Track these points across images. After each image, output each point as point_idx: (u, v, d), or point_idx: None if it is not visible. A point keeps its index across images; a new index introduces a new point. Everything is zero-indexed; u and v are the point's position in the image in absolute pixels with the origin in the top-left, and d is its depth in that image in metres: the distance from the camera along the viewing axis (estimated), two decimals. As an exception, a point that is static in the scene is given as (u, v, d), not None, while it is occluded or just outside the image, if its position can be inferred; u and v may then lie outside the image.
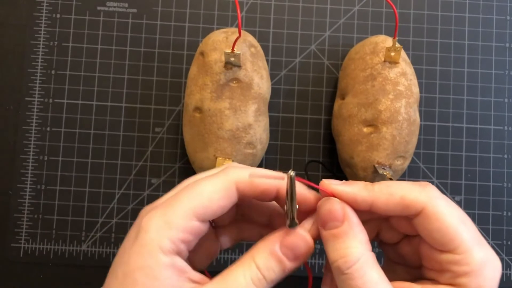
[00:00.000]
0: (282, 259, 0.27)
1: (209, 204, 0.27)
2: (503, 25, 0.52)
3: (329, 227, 0.28)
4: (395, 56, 0.43)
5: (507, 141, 0.51)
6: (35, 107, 0.50)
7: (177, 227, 0.26)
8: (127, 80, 0.50)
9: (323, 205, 0.29)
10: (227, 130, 0.42)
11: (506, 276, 0.49)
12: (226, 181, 0.28)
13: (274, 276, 0.27)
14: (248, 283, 0.26)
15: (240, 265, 0.27)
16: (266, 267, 0.27)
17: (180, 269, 0.26)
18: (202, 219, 0.27)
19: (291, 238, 0.28)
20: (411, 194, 0.28)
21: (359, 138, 0.44)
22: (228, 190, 0.28)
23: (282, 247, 0.28)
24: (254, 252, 0.28)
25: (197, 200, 0.27)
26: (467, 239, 0.27)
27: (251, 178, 0.28)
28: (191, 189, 0.27)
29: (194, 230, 0.27)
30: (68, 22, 0.50)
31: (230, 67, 0.42)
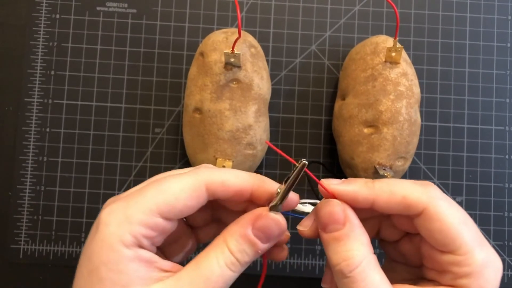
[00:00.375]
0: (255, 242, 0.27)
1: (175, 203, 0.26)
2: (505, 25, 0.51)
3: (330, 229, 0.28)
4: (396, 56, 0.43)
5: (508, 142, 0.50)
6: (34, 107, 0.49)
7: (139, 222, 0.25)
8: (126, 81, 0.50)
9: (323, 207, 0.28)
10: (227, 131, 0.42)
11: (507, 277, 0.49)
12: (196, 180, 0.27)
13: (248, 259, 0.27)
14: (222, 267, 0.26)
15: (213, 249, 0.27)
16: (239, 250, 0.27)
17: (147, 260, 0.26)
18: (166, 217, 0.26)
19: (263, 221, 0.27)
20: (413, 194, 0.27)
21: (359, 139, 0.43)
22: (197, 190, 0.27)
23: (255, 230, 0.27)
24: (226, 236, 0.27)
25: (162, 197, 0.26)
26: (468, 240, 0.26)
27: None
28: (157, 185, 0.27)
29: (157, 227, 0.26)
30: (67, 22, 0.50)
31: (230, 67, 0.42)
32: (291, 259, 0.49)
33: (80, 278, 0.26)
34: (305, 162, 0.27)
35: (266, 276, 0.48)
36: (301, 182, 0.49)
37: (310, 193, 0.49)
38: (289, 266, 0.49)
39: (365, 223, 0.29)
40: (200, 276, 0.26)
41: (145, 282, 0.25)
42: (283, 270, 0.49)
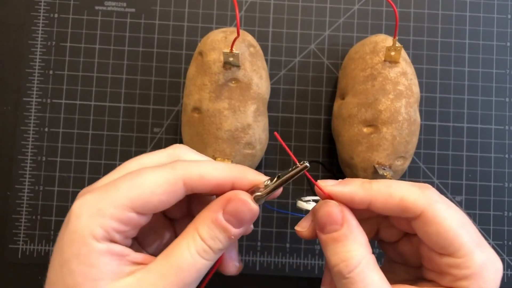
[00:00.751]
0: (227, 227, 0.26)
1: (149, 198, 0.25)
2: (504, 24, 0.51)
3: (328, 230, 0.28)
4: (395, 55, 0.43)
5: (508, 141, 0.50)
6: (33, 107, 0.49)
7: (110, 216, 0.25)
8: (125, 80, 0.50)
9: (320, 209, 0.28)
10: (226, 130, 0.42)
11: (507, 277, 0.49)
12: (172, 175, 0.26)
13: (221, 245, 0.26)
14: (194, 256, 0.25)
15: (184, 238, 0.26)
16: (211, 237, 0.26)
17: (119, 254, 0.25)
18: (140, 211, 0.25)
19: (235, 205, 0.26)
20: (410, 197, 0.27)
21: (359, 138, 0.43)
22: (173, 186, 0.26)
23: (226, 214, 0.26)
24: (197, 223, 0.27)
25: (136, 191, 0.25)
26: (467, 242, 0.26)
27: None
28: (132, 177, 0.26)
29: (130, 222, 0.25)
30: (66, 21, 0.50)
31: (229, 67, 0.42)
32: (290, 259, 0.49)
33: (52, 270, 0.25)
34: (307, 165, 0.26)
35: (265, 276, 0.48)
36: (301, 182, 0.49)
37: (309, 193, 0.49)
38: (288, 266, 0.49)
39: (363, 223, 0.29)
40: (171, 266, 0.25)
41: (115, 275, 0.25)
42: (282, 270, 0.48)
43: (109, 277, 0.24)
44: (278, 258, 0.49)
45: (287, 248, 0.49)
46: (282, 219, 0.49)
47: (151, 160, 0.28)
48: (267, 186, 0.27)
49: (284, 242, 0.49)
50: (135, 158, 0.29)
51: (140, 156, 0.29)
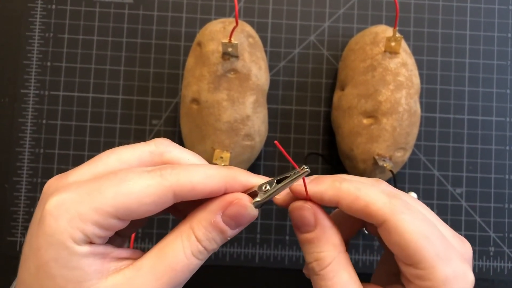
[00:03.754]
0: (225, 229, 0.26)
1: (136, 208, 0.24)
2: (506, 15, 0.51)
3: (302, 231, 0.28)
4: (395, 46, 0.43)
5: (509, 133, 0.50)
6: (30, 99, 0.49)
7: (92, 222, 0.23)
8: (123, 72, 0.50)
9: (294, 211, 0.28)
10: (224, 122, 0.42)
11: (507, 269, 0.49)
12: (162, 186, 0.24)
13: (216, 246, 0.26)
14: (188, 256, 0.25)
15: (179, 237, 0.25)
16: (207, 238, 0.25)
17: (101, 253, 0.24)
18: (123, 218, 0.24)
19: (236, 209, 0.26)
20: (375, 204, 0.26)
21: (359, 129, 0.43)
22: (163, 197, 0.24)
23: (225, 217, 0.26)
24: (193, 223, 0.26)
25: (122, 199, 0.23)
26: (429, 255, 0.26)
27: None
28: (118, 182, 0.24)
29: (112, 227, 0.24)
30: (63, 13, 0.50)
31: (228, 57, 0.42)
32: (289, 251, 0.48)
33: (27, 273, 0.24)
34: (308, 170, 0.26)
35: (265, 268, 0.48)
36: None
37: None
38: (288, 258, 0.48)
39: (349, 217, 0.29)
40: (164, 265, 0.24)
41: (102, 274, 0.24)
42: (281, 263, 0.48)
43: (95, 277, 0.24)
44: (277, 250, 0.48)
45: (287, 240, 0.49)
46: (281, 212, 0.49)
47: (131, 155, 0.27)
48: (267, 191, 0.26)
49: (283, 234, 0.49)
50: (113, 150, 0.27)
51: (119, 149, 0.27)
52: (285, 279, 0.49)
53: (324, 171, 0.50)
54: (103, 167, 0.26)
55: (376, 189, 0.27)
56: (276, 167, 0.49)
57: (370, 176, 0.44)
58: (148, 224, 0.48)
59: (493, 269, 0.49)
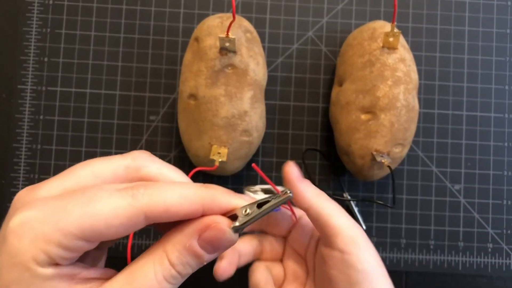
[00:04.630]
0: (200, 254, 0.24)
1: (104, 230, 0.22)
2: (504, 10, 0.51)
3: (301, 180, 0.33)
4: (393, 41, 0.42)
5: (507, 129, 0.50)
6: (28, 95, 0.49)
7: (57, 243, 0.22)
8: (121, 68, 0.49)
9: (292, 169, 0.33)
10: (222, 117, 0.42)
11: (506, 266, 0.49)
12: (133, 208, 0.23)
13: (191, 270, 0.24)
14: (160, 282, 0.23)
15: (151, 260, 0.24)
16: (181, 262, 0.24)
17: (67, 275, 0.23)
18: (90, 240, 0.23)
19: (213, 233, 0.24)
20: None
21: (357, 125, 0.43)
22: (133, 219, 0.23)
23: (201, 241, 0.24)
24: (167, 247, 0.24)
25: (89, 221, 0.22)
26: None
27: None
28: (85, 203, 0.22)
29: (79, 249, 0.23)
30: (61, 8, 0.50)
31: (225, 52, 0.41)
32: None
33: None
34: (290, 195, 0.25)
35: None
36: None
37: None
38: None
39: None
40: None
41: None
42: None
43: None
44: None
45: (285, 236, 0.48)
46: (280, 208, 0.49)
47: (105, 169, 0.25)
48: (247, 215, 0.25)
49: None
50: (87, 162, 0.26)
51: (93, 161, 0.26)
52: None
53: (322, 167, 0.50)
54: (74, 180, 0.25)
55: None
56: (274, 163, 0.49)
57: (368, 172, 0.43)
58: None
59: (491, 266, 0.49)
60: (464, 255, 0.49)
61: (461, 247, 0.49)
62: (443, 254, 0.49)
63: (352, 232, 0.31)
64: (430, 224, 0.49)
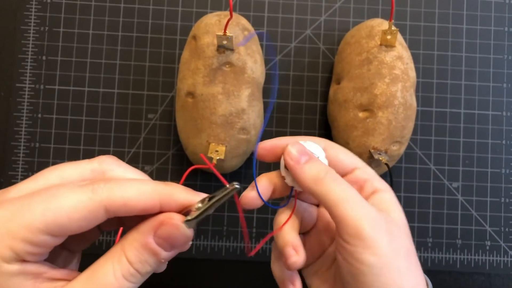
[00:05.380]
0: (158, 252, 0.25)
1: (67, 223, 0.23)
2: (502, 8, 0.51)
3: (306, 159, 0.30)
4: (391, 39, 0.42)
5: (505, 127, 0.50)
6: (26, 93, 0.49)
7: (23, 239, 0.23)
8: (119, 66, 0.49)
9: (293, 148, 0.31)
10: (220, 115, 0.42)
11: (503, 263, 0.49)
12: (92, 201, 0.24)
13: (150, 269, 0.25)
14: (119, 280, 0.24)
15: (110, 259, 0.25)
16: (139, 260, 0.25)
17: (33, 273, 0.24)
18: (55, 235, 0.24)
19: (168, 229, 0.25)
20: (315, 138, 0.33)
21: (354, 123, 0.43)
22: (94, 212, 0.24)
23: (157, 238, 0.25)
24: (125, 245, 0.25)
25: (51, 215, 0.23)
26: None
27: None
28: (48, 198, 0.24)
29: (44, 244, 0.24)
30: (59, 7, 0.50)
31: (223, 50, 0.41)
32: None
33: None
34: (237, 187, 0.26)
35: (261, 262, 0.48)
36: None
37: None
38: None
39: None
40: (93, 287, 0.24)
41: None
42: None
43: None
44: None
45: (283, 234, 0.48)
46: (278, 206, 0.49)
47: (73, 172, 0.26)
48: (198, 209, 0.26)
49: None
50: (56, 166, 0.27)
51: (61, 166, 0.27)
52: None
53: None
54: (43, 182, 0.26)
55: None
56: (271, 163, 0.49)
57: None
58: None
59: (489, 263, 0.49)
60: (462, 252, 0.49)
61: (459, 245, 0.49)
62: (441, 252, 0.49)
63: (358, 222, 0.27)
64: (428, 222, 0.49)
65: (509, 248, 0.49)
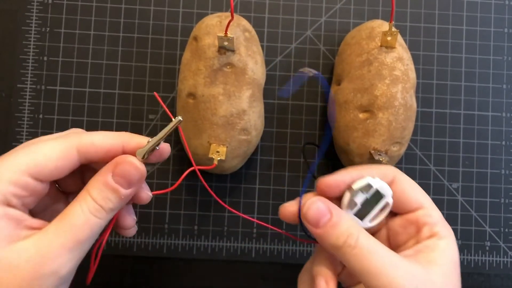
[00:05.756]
0: (117, 188, 0.28)
1: (45, 163, 0.27)
2: (502, 10, 0.51)
3: (324, 222, 0.29)
4: (391, 40, 0.43)
5: (505, 128, 0.50)
6: (27, 94, 0.49)
7: (7, 180, 0.26)
8: (120, 67, 0.50)
9: (309, 209, 0.30)
10: (221, 116, 0.42)
11: (503, 264, 0.49)
12: (66, 142, 0.28)
13: (112, 205, 0.28)
14: (86, 215, 0.27)
15: (77, 200, 0.28)
16: (102, 197, 0.28)
17: (15, 218, 0.26)
18: (36, 177, 0.27)
19: (122, 167, 0.29)
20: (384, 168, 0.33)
21: (355, 124, 0.43)
22: (67, 151, 0.28)
23: (115, 176, 0.28)
24: (88, 186, 0.28)
25: (31, 157, 0.27)
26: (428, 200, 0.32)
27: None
28: (27, 147, 0.28)
29: (27, 187, 0.27)
30: (60, 7, 0.50)
31: (224, 51, 0.42)
32: (286, 246, 0.49)
33: None
34: (180, 119, 0.30)
35: (261, 263, 0.48)
36: (296, 169, 0.49)
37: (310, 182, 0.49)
38: (284, 253, 0.49)
39: None
40: (65, 225, 0.27)
41: (11, 239, 0.26)
42: (278, 257, 0.48)
43: (5, 241, 0.25)
44: (273, 245, 0.49)
45: (283, 235, 0.49)
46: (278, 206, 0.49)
47: (48, 137, 0.30)
48: (148, 143, 0.30)
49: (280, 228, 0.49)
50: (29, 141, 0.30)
51: (39, 138, 0.30)
52: (282, 273, 0.49)
53: (320, 166, 0.50)
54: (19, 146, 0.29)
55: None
56: (273, 162, 0.49)
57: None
58: (145, 218, 0.48)
59: (489, 264, 0.49)
60: (462, 253, 0.49)
61: (459, 245, 0.49)
62: (441, 252, 0.49)
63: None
64: (428, 223, 0.49)
65: (508, 248, 0.49)
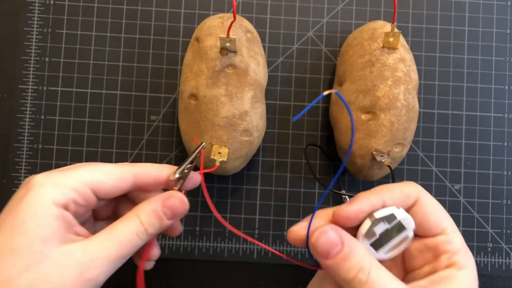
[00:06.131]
0: (162, 217, 0.32)
1: (106, 180, 0.31)
2: (504, 11, 0.51)
3: (334, 254, 0.29)
4: (393, 41, 0.42)
5: (507, 129, 0.50)
6: (29, 95, 0.49)
7: (73, 187, 0.29)
8: (122, 68, 0.50)
9: (319, 239, 0.29)
10: (223, 117, 0.42)
11: (505, 265, 0.49)
12: (124, 167, 0.33)
13: (154, 230, 0.32)
14: (132, 234, 0.31)
15: (126, 220, 0.31)
16: (149, 222, 0.32)
17: (69, 222, 0.29)
18: (95, 191, 0.31)
19: (173, 200, 0.33)
20: (407, 188, 0.32)
21: (357, 125, 0.43)
22: (125, 175, 0.33)
23: (163, 207, 0.33)
24: (138, 210, 0.32)
25: (94, 174, 0.31)
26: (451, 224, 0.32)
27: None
28: (89, 165, 0.32)
29: (86, 198, 0.30)
30: (62, 8, 0.50)
31: (226, 52, 0.42)
32: (287, 247, 0.49)
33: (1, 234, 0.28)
34: (203, 144, 0.38)
35: (263, 264, 0.48)
36: (299, 170, 0.49)
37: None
38: (286, 254, 0.48)
39: None
40: (113, 239, 0.30)
41: (63, 240, 0.28)
42: (279, 258, 0.48)
43: (58, 240, 0.28)
44: (275, 246, 0.49)
45: (285, 236, 0.49)
46: (280, 207, 0.49)
47: (106, 163, 0.34)
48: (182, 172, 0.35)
49: (281, 230, 0.49)
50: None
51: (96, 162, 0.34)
52: (283, 275, 0.49)
53: (322, 167, 0.50)
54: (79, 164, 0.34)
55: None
56: (274, 162, 0.49)
57: (368, 171, 0.44)
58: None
59: (491, 265, 0.49)
60: (464, 254, 0.49)
61: (461, 247, 0.49)
62: (443, 254, 0.49)
63: None
64: (430, 224, 0.49)
65: (511, 250, 0.49)
